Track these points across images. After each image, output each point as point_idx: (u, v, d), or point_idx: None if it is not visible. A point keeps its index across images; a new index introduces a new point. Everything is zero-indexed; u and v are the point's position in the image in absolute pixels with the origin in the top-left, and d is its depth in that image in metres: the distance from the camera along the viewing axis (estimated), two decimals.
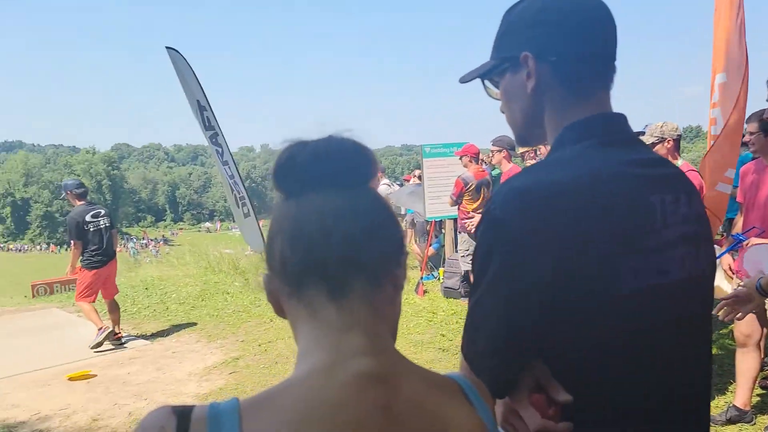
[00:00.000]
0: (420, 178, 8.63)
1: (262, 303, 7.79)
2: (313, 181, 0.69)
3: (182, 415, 0.62)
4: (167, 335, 6.66)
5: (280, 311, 0.73)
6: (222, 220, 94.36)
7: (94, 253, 6.18)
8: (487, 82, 1.09)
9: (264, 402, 0.63)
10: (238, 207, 10.21)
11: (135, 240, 69.78)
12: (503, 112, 1.09)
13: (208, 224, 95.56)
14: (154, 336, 6.66)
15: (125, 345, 6.25)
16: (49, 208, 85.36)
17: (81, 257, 6.18)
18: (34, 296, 10.47)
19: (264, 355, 5.63)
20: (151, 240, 69.78)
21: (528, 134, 1.07)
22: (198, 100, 9.25)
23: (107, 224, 6.30)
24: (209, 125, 9.41)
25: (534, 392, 0.90)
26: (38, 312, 8.47)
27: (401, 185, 10.83)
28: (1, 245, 78.58)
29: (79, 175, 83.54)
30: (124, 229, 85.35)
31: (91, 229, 6.15)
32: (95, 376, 5.29)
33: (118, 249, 6.72)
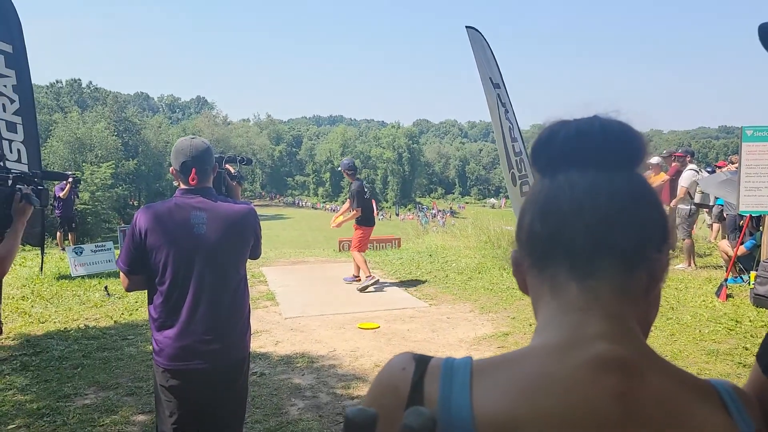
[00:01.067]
0: (737, 165, 7.40)
1: None
2: (571, 159, 0.67)
3: (421, 360, 0.67)
4: (444, 301, 7.07)
5: (524, 287, 0.73)
6: (507, 197, 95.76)
7: (369, 213, 8.05)
8: None
9: (496, 365, 0.65)
10: (515, 185, 10.23)
11: (426, 209, 75.46)
12: None
13: (493, 200, 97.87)
14: (432, 299, 7.13)
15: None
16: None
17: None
18: (340, 250, 12.12)
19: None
20: (440, 211, 74.57)
21: None
22: (490, 78, 9.46)
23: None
24: (502, 102, 9.59)
25: None
26: (341, 264, 9.80)
27: (712, 172, 9.47)
28: (321, 205, 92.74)
29: (384, 147, 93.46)
30: (417, 199, 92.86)
31: (367, 197, 7.99)
32: (379, 327, 5.92)
33: (409, 217, 7.80)
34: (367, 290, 7.53)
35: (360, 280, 7.86)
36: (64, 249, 11.58)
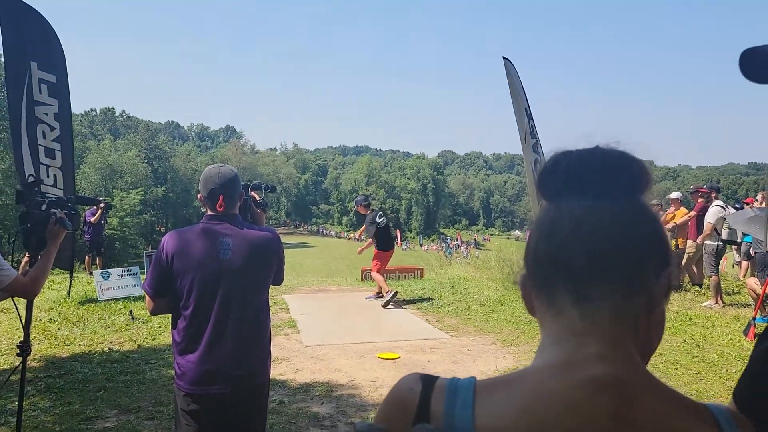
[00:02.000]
0: (763, 201, 7.28)
1: None
2: (573, 186, 0.70)
3: (427, 381, 0.73)
4: (465, 332, 7.01)
5: (531, 309, 0.75)
6: None
7: (383, 239, 8.91)
8: None
9: (498, 385, 0.69)
10: None
11: (449, 239, 75.14)
12: None
13: (517, 232, 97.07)
14: (454, 330, 7.07)
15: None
16: (383, 205, 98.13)
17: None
18: (362, 280, 12.13)
19: None
20: (463, 242, 74.17)
21: None
22: (526, 109, 9.54)
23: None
24: (533, 134, 9.63)
25: None
26: (364, 293, 9.78)
27: (740, 208, 9.31)
28: (344, 234, 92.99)
29: (409, 178, 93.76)
30: (441, 229, 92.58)
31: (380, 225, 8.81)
32: (399, 357, 5.88)
33: (433, 248, 7.91)
34: (388, 306, 8.30)
35: (382, 297, 8.65)
36: (91, 273, 11.81)
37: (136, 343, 6.25)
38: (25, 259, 10.45)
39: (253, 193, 2.99)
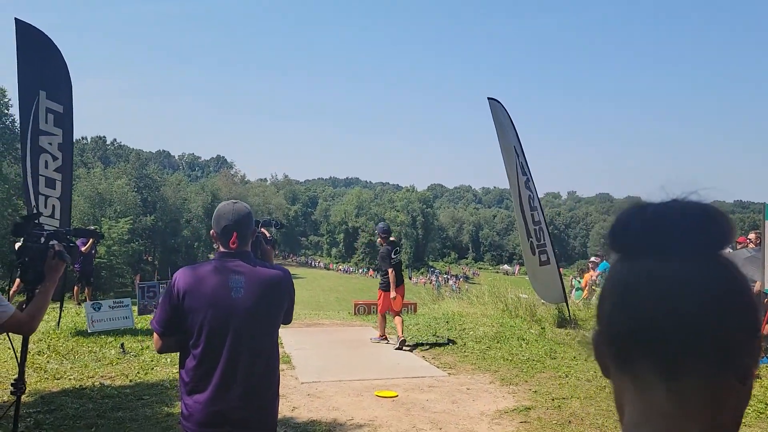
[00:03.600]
0: (755, 241, 7.35)
1: (558, 356, 7.54)
2: (649, 246, 0.64)
3: None
4: (463, 370, 6.93)
5: (606, 371, 0.70)
6: (521, 264, 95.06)
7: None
8: None
9: None
10: (534, 254, 10.16)
11: (438, 273, 74.99)
12: None
13: (506, 266, 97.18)
14: (451, 368, 6.99)
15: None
16: (372, 238, 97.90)
17: (382, 279, 8.33)
18: (355, 313, 12.02)
19: (557, 411, 5.41)
20: (453, 275, 74.05)
21: None
22: (515, 147, 9.61)
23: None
24: (524, 171, 9.68)
25: None
26: (357, 328, 9.70)
27: (732, 248, 9.38)
28: (333, 265, 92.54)
29: (398, 210, 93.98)
30: (430, 263, 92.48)
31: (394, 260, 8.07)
32: (397, 396, 5.79)
33: (422, 281, 7.80)
34: (401, 348, 7.86)
35: (387, 341, 8.32)
36: (79, 303, 11.61)
37: (128, 377, 6.11)
38: (14, 288, 10.23)
39: (263, 229, 2.97)
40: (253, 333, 2.44)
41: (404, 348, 7.86)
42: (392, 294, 8.19)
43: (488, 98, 9.71)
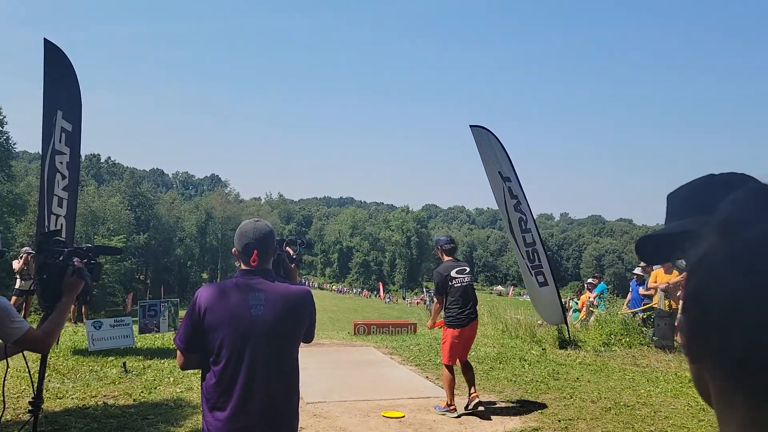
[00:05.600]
0: None
1: (560, 377, 7.53)
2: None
3: None
4: (467, 391, 6.88)
5: (707, 398, 0.56)
6: (515, 285, 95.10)
7: (456, 310, 5.90)
8: None
9: None
10: (531, 275, 10.17)
11: (431, 292, 74.67)
12: None
13: (500, 287, 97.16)
14: (456, 389, 6.94)
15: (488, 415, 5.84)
16: (366, 257, 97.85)
17: (444, 313, 6.03)
18: (354, 333, 11.97)
19: None
20: None
21: None
22: (499, 172, 9.59)
23: (470, 281, 6.07)
24: (513, 195, 9.68)
25: None
26: (359, 348, 9.65)
27: None
28: (327, 285, 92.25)
29: (393, 230, 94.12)
30: (425, 283, 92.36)
31: (455, 285, 5.93)
32: (404, 416, 5.76)
33: (416, 301, 7.33)
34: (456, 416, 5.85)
35: (455, 410, 5.90)
36: (76, 322, 11.50)
37: (131, 397, 6.05)
38: (14, 299, 10.15)
39: (287, 248, 2.99)
40: (272, 350, 2.45)
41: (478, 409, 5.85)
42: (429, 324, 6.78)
43: (470, 126, 9.62)
